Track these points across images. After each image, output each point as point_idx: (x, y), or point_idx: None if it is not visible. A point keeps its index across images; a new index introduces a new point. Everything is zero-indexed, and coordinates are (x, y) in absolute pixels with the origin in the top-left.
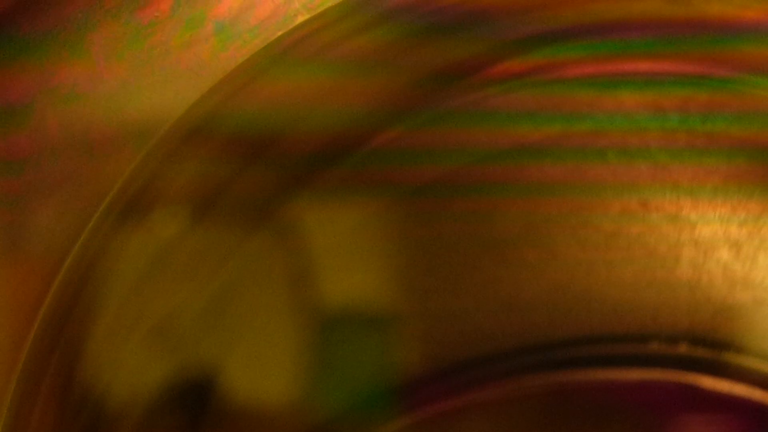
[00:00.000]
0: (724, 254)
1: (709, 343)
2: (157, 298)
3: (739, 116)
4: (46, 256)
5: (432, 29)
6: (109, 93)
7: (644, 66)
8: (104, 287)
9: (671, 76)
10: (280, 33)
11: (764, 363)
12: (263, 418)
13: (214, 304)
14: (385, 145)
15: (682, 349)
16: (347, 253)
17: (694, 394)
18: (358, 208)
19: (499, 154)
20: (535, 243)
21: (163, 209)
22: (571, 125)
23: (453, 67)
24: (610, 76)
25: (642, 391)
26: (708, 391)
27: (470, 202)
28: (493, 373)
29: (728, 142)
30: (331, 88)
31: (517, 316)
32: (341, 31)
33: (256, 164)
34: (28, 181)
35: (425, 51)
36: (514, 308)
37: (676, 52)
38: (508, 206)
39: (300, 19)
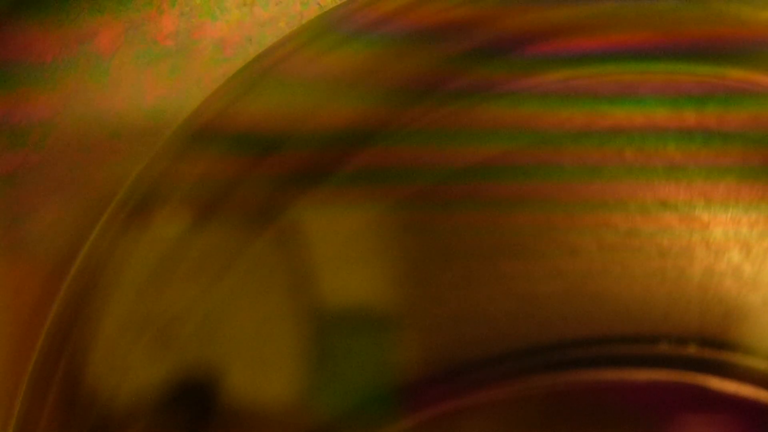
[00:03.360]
0: (735, 255)
1: (718, 344)
2: (162, 301)
3: (755, 119)
4: (49, 259)
5: (406, 42)
6: (111, 96)
7: (660, 68)
8: (110, 290)
9: (687, 78)
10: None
11: None
12: (266, 420)
13: (218, 307)
14: (388, 152)
15: (691, 350)
16: (350, 256)
17: (702, 395)
18: (361, 211)
19: (516, 150)
20: (549, 242)
21: (167, 212)
22: (589, 125)
23: (444, 78)
24: (627, 77)
25: (649, 391)
26: (715, 392)
27: (483, 202)
28: (499, 374)
29: (743, 144)
30: (315, 104)
31: (527, 316)
32: (315, 49)
33: (259, 168)
34: (30, 183)
35: (402, 66)
36: (523, 308)
37: (692, 53)
38: (523, 205)
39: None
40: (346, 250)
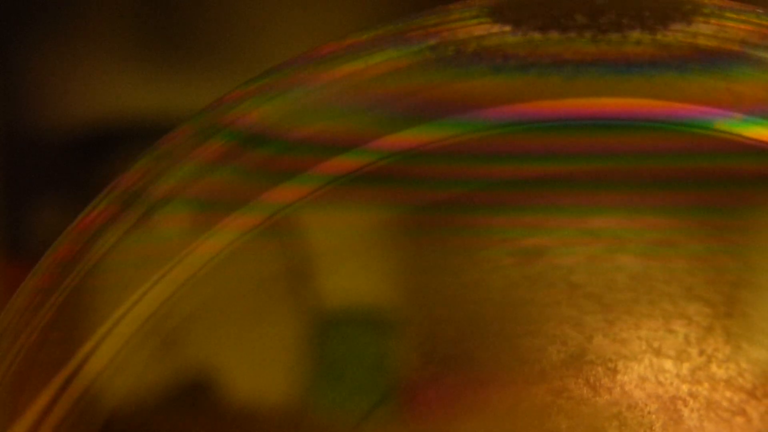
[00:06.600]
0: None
1: None
2: (156, 299)
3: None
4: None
5: None
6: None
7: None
8: (103, 287)
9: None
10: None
11: None
12: (263, 419)
13: (214, 304)
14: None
15: None
16: (348, 255)
17: None
18: (362, 211)
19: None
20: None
21: (164, 209)
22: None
23: None
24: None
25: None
26: None
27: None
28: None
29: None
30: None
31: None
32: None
33: (258, 166)
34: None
35: None
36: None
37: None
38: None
39: None
40: (346, 250)
